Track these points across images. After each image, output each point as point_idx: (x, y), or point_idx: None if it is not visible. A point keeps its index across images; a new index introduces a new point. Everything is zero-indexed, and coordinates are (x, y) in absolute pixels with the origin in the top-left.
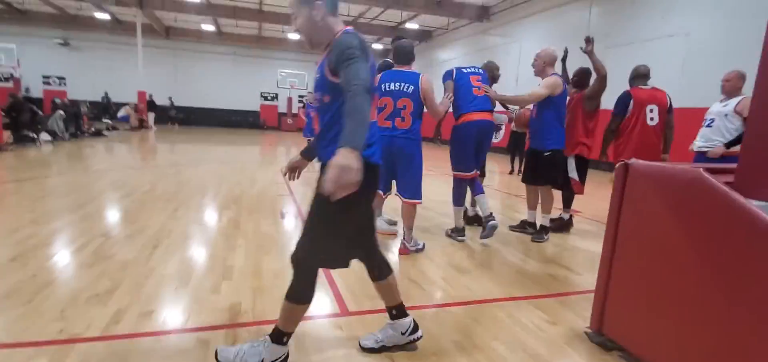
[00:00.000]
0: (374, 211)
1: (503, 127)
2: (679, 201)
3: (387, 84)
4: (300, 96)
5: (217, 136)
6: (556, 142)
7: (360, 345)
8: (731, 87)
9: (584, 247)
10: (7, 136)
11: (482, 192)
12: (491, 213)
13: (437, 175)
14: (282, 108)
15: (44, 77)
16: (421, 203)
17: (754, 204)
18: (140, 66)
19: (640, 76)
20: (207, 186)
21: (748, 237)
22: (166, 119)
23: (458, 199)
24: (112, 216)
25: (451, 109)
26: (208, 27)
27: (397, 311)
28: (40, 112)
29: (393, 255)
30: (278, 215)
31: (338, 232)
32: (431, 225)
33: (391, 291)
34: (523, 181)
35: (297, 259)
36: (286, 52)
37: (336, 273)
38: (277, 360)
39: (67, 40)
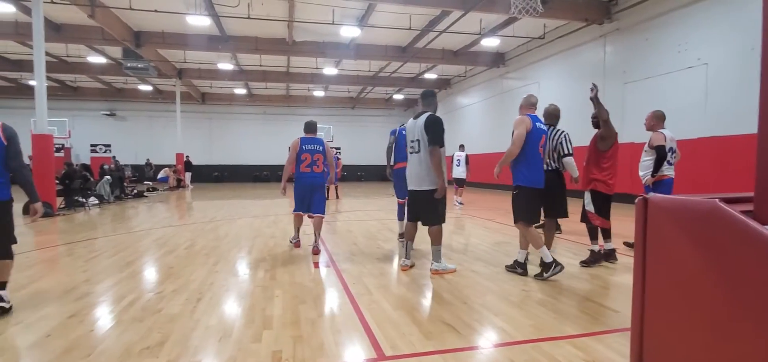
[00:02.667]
0: None
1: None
2: (698, 232)
3: (306, 146)
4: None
5: (249, 191)
6: (519, 179)
7: None
8: (649, 125)
9: (622, 282)
10: (59, 201)
11: (402, 219)
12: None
13: (477, 222)
14: None
15: (92, 145)
16: (324, 216)
17: None
18: (179, 130)
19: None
20: (243, 240)
21: (766, 263)
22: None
23: (400, 215)
24: (158, 272)
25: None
26: (240, 91)
27: None
28: (92, 178)
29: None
30: (312, 265)
31: None
32: (463, 268)
33: None
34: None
35: None
36: (313, 107)
37: (370, 316)
38: None
39: (112, 111)
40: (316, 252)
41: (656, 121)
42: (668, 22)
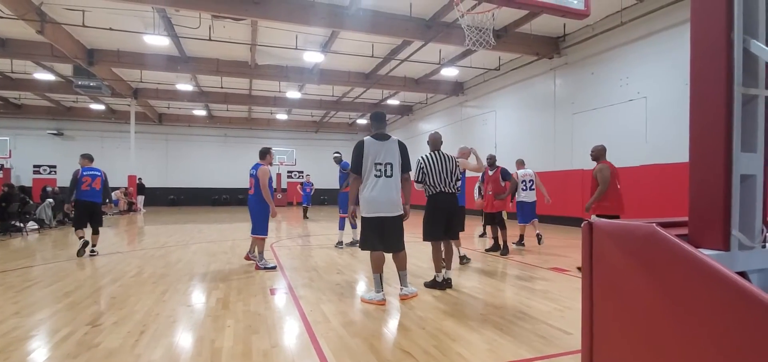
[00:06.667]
0: None
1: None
2: (638, 255)
3: (251, 170)
4: (289, 171)
5: (207, 215)
6: None
7: None
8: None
9: (576, 305)
10: None
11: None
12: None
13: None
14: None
15: (35, 166)
16: (263, 237)
17: (704, 254)
18: (132, 152)
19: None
20: (196, 267)
21: (700, 284)
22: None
23: (342, 226)
24: (98, 303)
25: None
26: (200, 112)
27: None
28: (30, 201)
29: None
30: (268, 292)
31: None
32: (420, 292)
33: None
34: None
35: None
36: (275, 130)
37: (326, 345)
38: None
39: (60, 130)
40: (257, 268)
41: (517, 164)
42: (611, 58)
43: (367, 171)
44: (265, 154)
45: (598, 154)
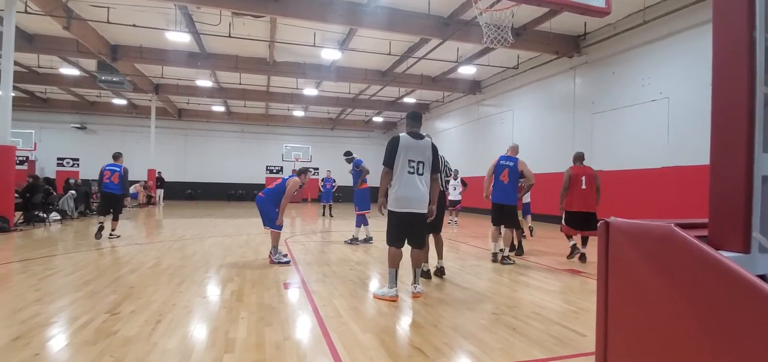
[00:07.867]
0: None
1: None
2: (655, 255)
3: (284, 178)
4: (305, 168)
5: (223, 209)
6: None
7: None
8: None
9: (590, 306)
10: (18, 216)
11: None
12: (364, 238)
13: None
14: None
15: (59, 159)
16: (279, 231)
17: (724, 256)
18: (152, 146)
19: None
20: (211, 259)
21: (719, 287)
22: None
23: (359, 223)
24: (116, 292)
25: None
26: (219, 108)
27: None
28: (54, 192)
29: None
30: (282, 286)
31: None
32: (434, 290)
33: None
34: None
35: None
36: (292, 127)
37: (338, 340)
38: None
39: (83, 124)
40: (271, 263)
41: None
42: (633, 58)
43: (400, 166)
44: (302, 172)
45: (573, 159)
